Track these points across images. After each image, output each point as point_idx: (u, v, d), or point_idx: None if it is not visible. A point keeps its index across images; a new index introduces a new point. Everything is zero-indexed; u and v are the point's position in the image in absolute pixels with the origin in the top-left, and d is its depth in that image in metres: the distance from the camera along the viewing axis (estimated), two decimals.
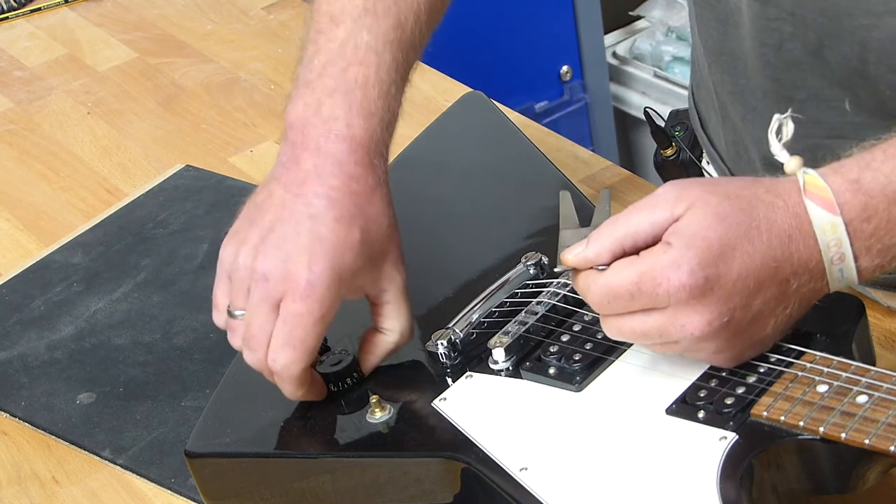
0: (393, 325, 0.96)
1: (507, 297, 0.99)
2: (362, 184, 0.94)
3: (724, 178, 0.85)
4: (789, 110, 0.85)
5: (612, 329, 0.85)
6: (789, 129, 0.85)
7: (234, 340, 0.95)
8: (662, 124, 1.24)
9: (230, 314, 0.94)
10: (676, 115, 1.26)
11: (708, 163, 1.20)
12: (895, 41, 0.92)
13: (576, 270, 0.86)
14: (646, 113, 1.20)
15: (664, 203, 0.83)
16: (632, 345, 0.92)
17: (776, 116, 0.86)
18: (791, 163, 0.84)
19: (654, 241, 0.83)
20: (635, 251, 0.83)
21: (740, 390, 0.85)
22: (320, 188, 0.93)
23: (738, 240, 0.81)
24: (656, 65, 2.63)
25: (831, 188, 0.81)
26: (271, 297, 0.91)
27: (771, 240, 0.81)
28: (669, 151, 1.21)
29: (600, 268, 0.84)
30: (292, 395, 0.94)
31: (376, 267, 0.94)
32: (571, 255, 0.86)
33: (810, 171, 0.82)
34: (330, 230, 0.92)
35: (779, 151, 0.85)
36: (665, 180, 1.18)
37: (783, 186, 0.83)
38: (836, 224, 0.81)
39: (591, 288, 0.85)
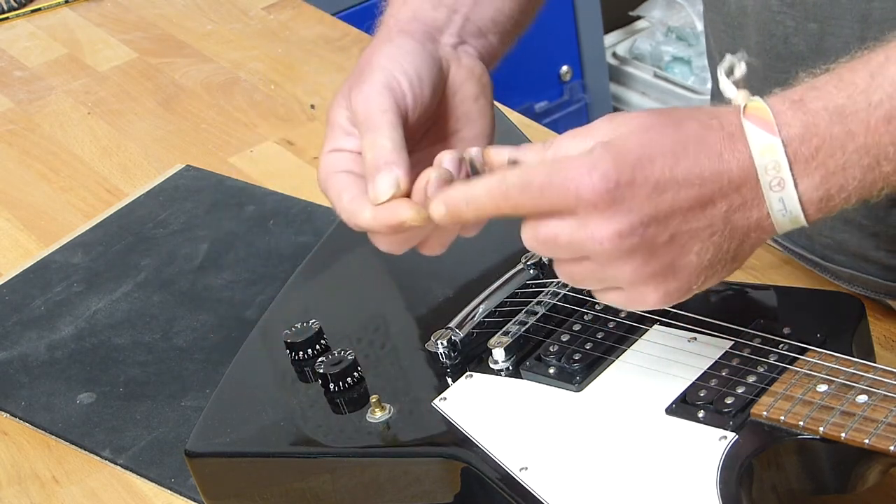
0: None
1: (507, 297, 0.99)
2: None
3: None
4: (740, 51, 0.82)
5: (529, 237, 0.80)
6: (741, 69, 0.81)
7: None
8: None
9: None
10: None
11: None
12: (895, 9, 0.92)
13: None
14: None
15: (597, 130, 0.80)
16: (632, 345, 0.92)
17: (728, 56, 0.82)
18: (740, 96, 0.80)
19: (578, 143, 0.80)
20: None
21: (740, 390, 0.85)
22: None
23: (661, 150, 0.76)
24: (656, 65, 2.63)
25: (771, 108, 0.76)
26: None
27: (698, 155, 0.76)
28: None
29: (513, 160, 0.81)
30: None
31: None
32: (494, 151, 0.82)
33: (755, 97, 0.78)
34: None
35: (728, 88, 0.81)
36: None
37: (723, 110, 0.78)
38: (773, 145, 0.76)
39: (508, 178, 0.79)
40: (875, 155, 0.76)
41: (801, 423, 0.81)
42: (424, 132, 0.92)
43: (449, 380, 0.94)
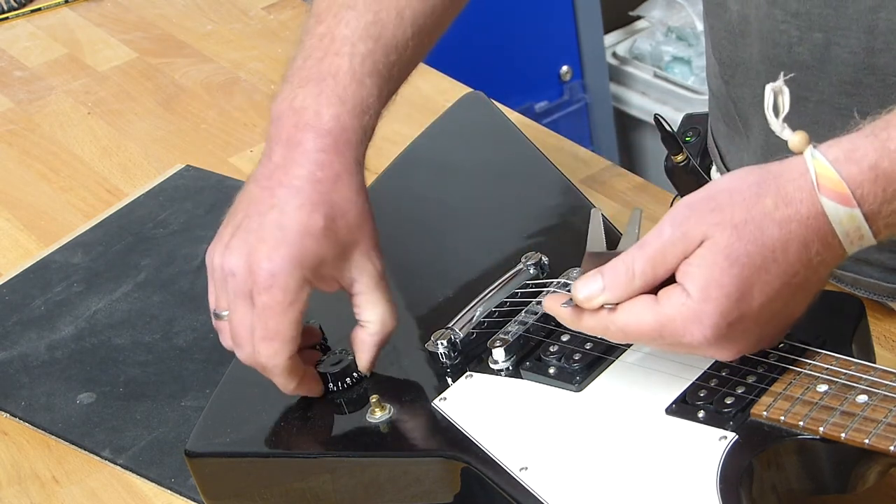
0: (369, 317, 0.95)
1: (507, 297, 0.99)
2: (327, 171, 0.92)
3: (727, 190, 0.81)
4: (781, 75, 0.82)
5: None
6: (786, 99, 0.82)
7: (225, 341, 0.95)
8: (671, 130, 1.22)
9: (217, 315, 0.95)
10: (690, 120, 1.25)
11: (717, 171, 1.19)
12: None
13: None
14: (656, 119, 1.19)
15: (674, 243, 0.81)
16: (632, 345, 0.92)
17: (769, 87, 0.82)
18: (795, 139, 0.81)
19: (666, 277, 0.82)
20: (652, 291, 0.82)
21: (740, 390, 0.85)
22: (285, 178, 0.92)
23: (754, 275, 0.79)
24: (656, 65, 2.63)
25: (846, 180, 0.78)
26: (242, 292, 0.91)
27: (788, 258, 0.79)
28: (680, 157, 1.19)
29: (609, 307, 0.83)
30: (285, 387, 0.94)
31: (345, 256, 0.93)
32: (583, 295, 0.84)
33: (820, 158, 0.79)
34: (290, 218, 0.91)
35: (780, 129, 0.82)
36: (675, 186, 1.17)
37: (793, 192, 0.80)
38: (854, 216, 0.79)
39: (610, 329, 0.84)
40: None
41: (801, 423, 0.81)
42: None
43: (449, 380, 0.94)
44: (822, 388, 0.82)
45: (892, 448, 0.77)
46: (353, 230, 0.93)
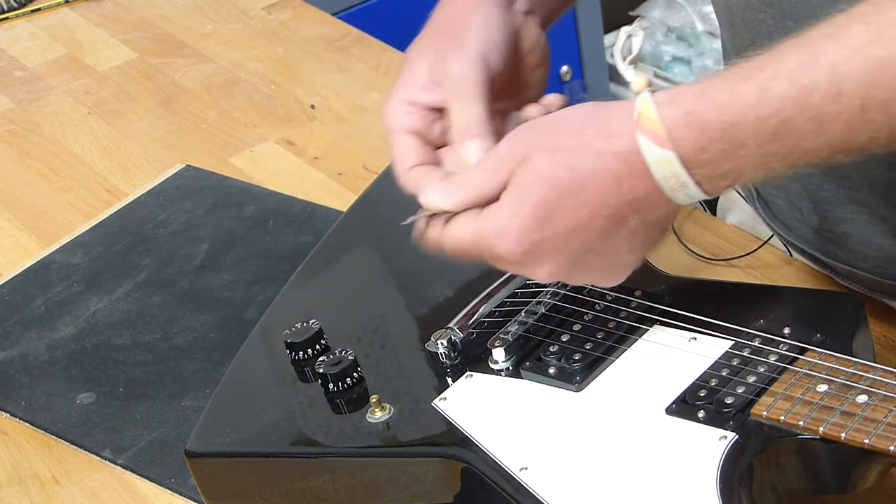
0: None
1: (507, 297, 0.99)
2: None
3: (560, 117, 0.86)
4: (636, 20, 0.86)
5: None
6: (639, 41, 0.85)
7: None
8: None
9: None
10: None
11: None
12: None
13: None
14: None
15: (503, 160, 0.85)
16: (632, 344, 0.92)
17: (624, 29, 0.86)
18: (637, 80, 0.84)
19: (500, 191, 0.85)
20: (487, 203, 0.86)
21: (740, 390, 0.85)
22: None
23: (561, 199, 0.82)
24: (656, 65, 2.63)
25: (665, 122, 0.80)
26: None
27: (597, 188, 0.82)
28: None
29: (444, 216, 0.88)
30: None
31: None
32: (426, 200, 0.88)
33: (647, 99, 0.80)
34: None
35: (624, 69, 0.85)
36: None
37: (615, 127, 0.82)
38: (669, 159, 0.80)
39: (441, 241, 0.88)
40: (765, 162, 0.80)
41: (801, 423, 0.81)
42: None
43: (449, 380, 0.94)
44: (822, 388, 0.82)
45: (892, 448, 0.77)
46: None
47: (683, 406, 0.86)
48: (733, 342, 0.89)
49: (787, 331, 0.89)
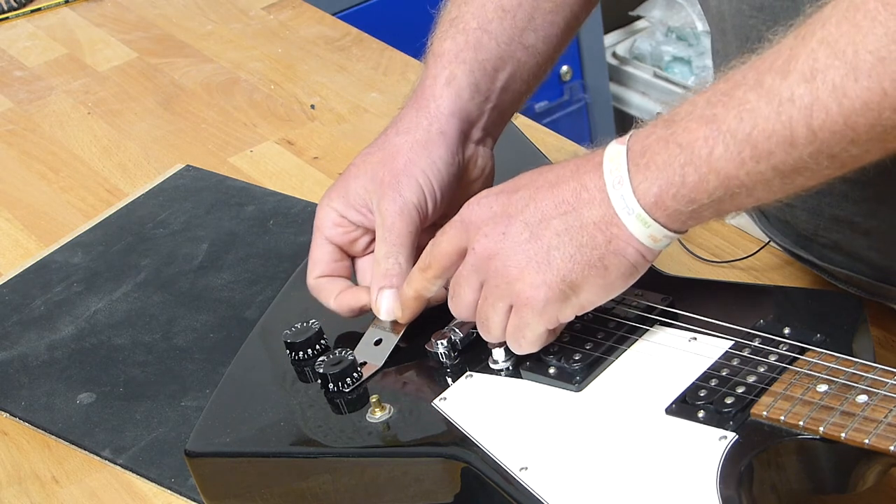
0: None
1: None
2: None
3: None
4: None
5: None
6: None
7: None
8: None
9: None
10: None
11: None
12: None
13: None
14: None
15: (459, 236, 0.91)
16: (632, 345, 0.92)
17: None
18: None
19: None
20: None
21: (740, 390, 0.85)
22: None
23: (526, 177, 0.90)
24: (656, 65, 2.63)
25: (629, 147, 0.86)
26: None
27: (558, 170, 0.89)
28: None
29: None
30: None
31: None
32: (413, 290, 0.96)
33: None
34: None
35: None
36: None
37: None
38: (620, 151, 0.86)
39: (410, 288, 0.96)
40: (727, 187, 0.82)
41: (801, 423, 0.81)
42: None
43: (449, 380, 0.94)
44: (822, 388, 0.82)
45: (892, 448, 0.77)
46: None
47: (683, 406, 0.86)
48: (733, 342, 0.89)
49: (787, 331, 0.89)
